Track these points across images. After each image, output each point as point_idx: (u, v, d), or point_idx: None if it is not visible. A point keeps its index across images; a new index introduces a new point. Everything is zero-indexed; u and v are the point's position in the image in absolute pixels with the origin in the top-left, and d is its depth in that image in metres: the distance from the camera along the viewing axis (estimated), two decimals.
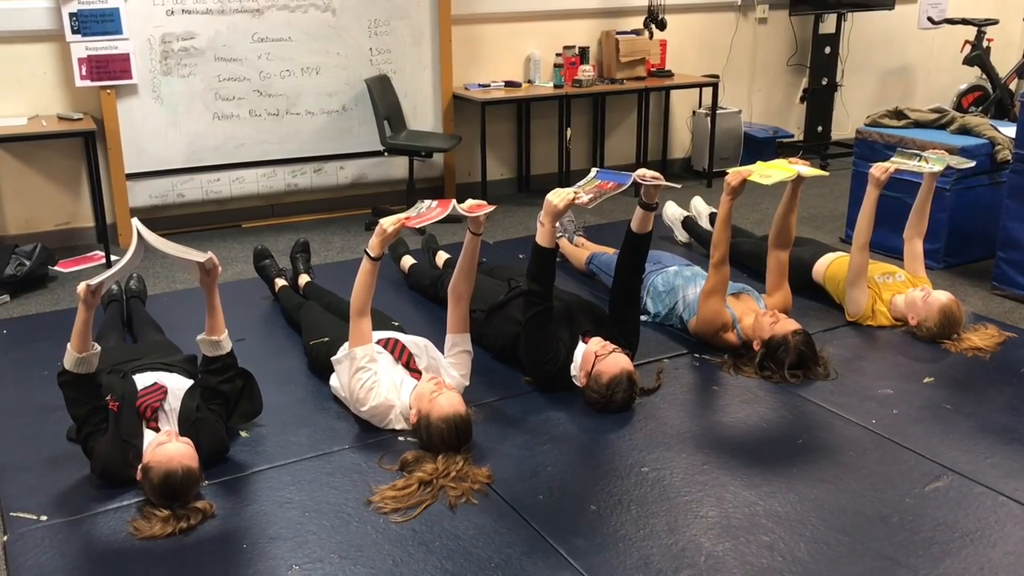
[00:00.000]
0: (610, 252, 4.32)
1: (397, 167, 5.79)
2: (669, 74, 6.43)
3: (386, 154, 5.59)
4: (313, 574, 2.42)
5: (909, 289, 4.00)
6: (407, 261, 4.47)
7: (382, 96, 5.51)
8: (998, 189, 4.72)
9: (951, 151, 4.52)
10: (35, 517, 2.64)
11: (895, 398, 3.38)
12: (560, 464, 2.94)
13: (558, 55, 6.11)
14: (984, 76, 7.47)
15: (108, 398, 2.80)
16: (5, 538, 2.57)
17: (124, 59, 4.99)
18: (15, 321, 4.14)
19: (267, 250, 4.35)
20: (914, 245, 4.15)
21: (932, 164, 4.07)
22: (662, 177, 3.29)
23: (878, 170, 3.99)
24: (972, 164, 4.38)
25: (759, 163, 3.79)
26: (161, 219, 5.34)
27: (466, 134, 5.90)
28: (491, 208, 3.10)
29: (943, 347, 3.76)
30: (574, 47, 6.13)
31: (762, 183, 3.64)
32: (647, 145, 6.66)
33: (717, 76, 6.66)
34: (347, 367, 3.10)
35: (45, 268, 4.65)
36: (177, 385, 2.92)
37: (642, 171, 3.29)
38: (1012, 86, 7.42)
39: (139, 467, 2.65)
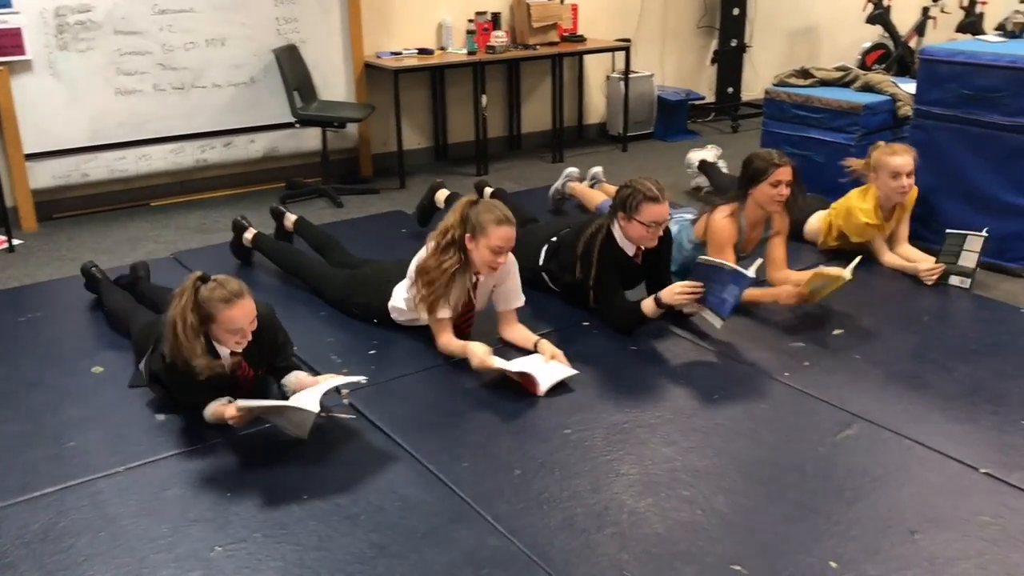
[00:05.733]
0: None
1: (310, 138, 5.69)
2: (581, 39, 6.44)
3: (298, 126, 5.49)
4: (237, 554, 2.39)
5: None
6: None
7: (291, 66, 5.39)
8: None
9: (855, 108, 4.63)
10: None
11: (806, 350, 3.48)
12: (483, 431, 2.96)
13: (470, 21, 6.06)
14: (886, 34, 7.66)
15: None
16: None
17: (15, 34, 4.77)
18: None
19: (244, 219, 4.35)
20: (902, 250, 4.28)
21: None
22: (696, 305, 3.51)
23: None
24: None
25: (813, 280, 3.63)
26: (66, 200, 5.16)
27: (380, 103, 5.83)
28: (572, 371, 3.26)
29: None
30: (486, 13, 6.09)
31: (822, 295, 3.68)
32: (563, 111, 6.66)
33: (629, 40, 6.69)
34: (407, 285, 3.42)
35: None
36: None
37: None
38: (912, 43, 7.64)
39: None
